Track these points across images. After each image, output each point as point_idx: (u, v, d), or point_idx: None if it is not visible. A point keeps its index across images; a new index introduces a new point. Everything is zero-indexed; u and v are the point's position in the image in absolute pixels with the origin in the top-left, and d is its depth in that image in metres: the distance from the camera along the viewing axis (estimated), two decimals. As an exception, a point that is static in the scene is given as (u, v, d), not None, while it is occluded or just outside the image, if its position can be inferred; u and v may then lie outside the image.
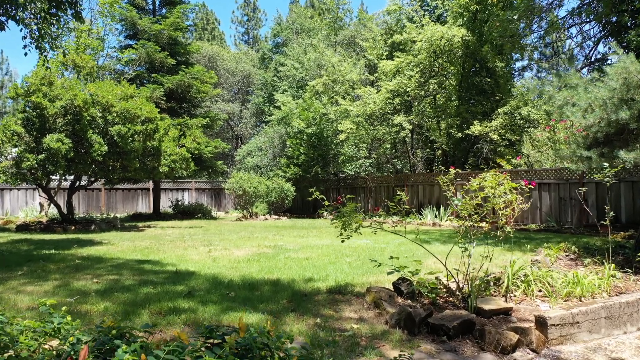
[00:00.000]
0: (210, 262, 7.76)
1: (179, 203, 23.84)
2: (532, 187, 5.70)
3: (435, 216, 17.31)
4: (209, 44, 35.41)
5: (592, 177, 14.50)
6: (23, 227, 14.72)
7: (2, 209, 23.35)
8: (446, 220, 16.89)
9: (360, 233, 5.47)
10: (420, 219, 17.78)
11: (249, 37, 54.79)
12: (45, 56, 16.45)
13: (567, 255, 7.64)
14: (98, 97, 13.59)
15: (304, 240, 11.06)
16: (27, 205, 22.76)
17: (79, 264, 7.32)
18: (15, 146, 12.99)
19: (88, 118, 13.19)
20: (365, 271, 6.71)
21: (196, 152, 16.74)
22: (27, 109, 12.65)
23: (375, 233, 5.55)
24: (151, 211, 23.06)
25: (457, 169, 18.66)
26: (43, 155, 12.55)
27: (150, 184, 24.55)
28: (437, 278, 5.70)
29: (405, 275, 5.56)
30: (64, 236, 12.53)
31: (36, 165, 12.68)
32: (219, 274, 6.59)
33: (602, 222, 14.26)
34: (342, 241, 5.49)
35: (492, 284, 5.71)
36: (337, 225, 5.48)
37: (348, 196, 6.20)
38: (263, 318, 4.38)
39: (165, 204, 25.48)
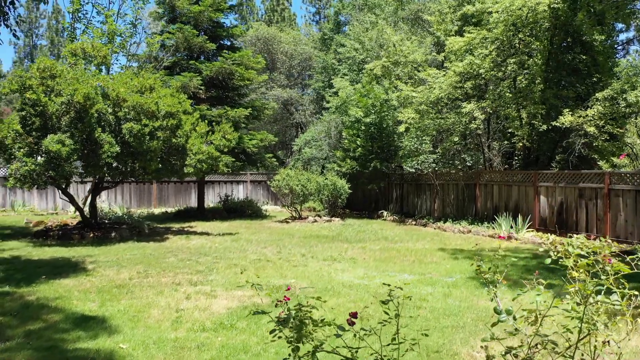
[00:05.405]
0: (167, 326, 5.60)
1: (229, 199, 22.24)
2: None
3: (511, 227, 14.17)
4: (266, 25, 33.32)
5: None
6: (41, 233, 13.48)
7: (54, 202, 22.92)
8: (525, 233, 13.74)
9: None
10: (493, 228, 14.73)
11: (320, 17, 52.25)
12: (72, 41, 14.89)
13: None
14: (108, 90, 11.90)
15: (332, 272, 8.67)
16: (78, 199, 22.14)
17: (-6, 326, 5.47)
18: (20, 148, 11.61)
19: (96, 115, 11.53)
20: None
21: (225, 149, 14.72)
22: (25, 106, 11.17)
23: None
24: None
25: (540, 169, 15.44)
26: (43, 158, 11.07)
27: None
28: None
29: None
30: (65, 251, 10.98)
31: (38, 170, 11.22)
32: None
33: None
34: None
35: None
36: None
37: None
38: None
39: (216, 199, 24.07)
